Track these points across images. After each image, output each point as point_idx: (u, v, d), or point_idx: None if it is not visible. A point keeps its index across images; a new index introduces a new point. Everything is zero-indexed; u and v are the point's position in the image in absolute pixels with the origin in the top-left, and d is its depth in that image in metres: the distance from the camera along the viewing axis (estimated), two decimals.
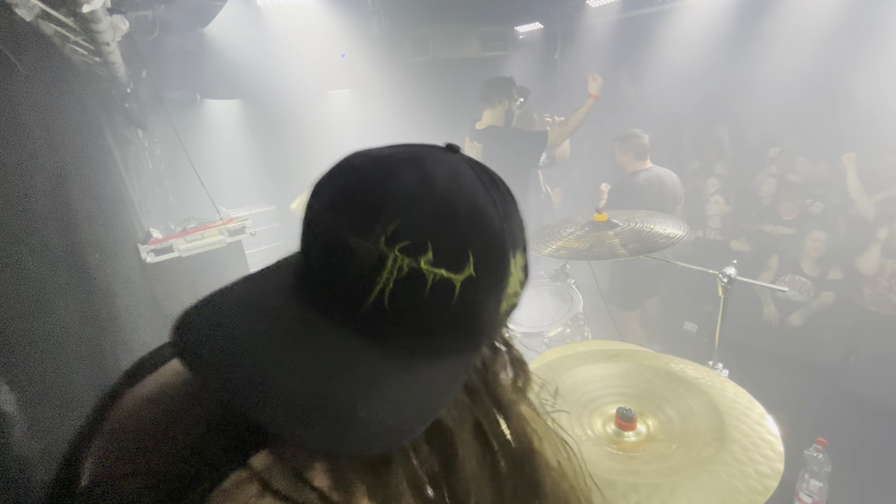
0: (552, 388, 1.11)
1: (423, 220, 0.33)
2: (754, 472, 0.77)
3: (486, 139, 2.91)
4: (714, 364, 1.44)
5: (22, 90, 1.26)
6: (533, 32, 5.58)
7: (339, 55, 4.46)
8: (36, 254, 1.04)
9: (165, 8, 2.57)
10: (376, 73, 4.71)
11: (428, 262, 0.32)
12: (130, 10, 2.12)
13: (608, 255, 1.50)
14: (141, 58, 2.55)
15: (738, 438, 0.85)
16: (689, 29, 4.23)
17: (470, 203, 0.35)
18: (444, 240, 0.33)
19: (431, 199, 0.33)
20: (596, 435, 0.97)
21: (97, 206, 1.81)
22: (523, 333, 2.16)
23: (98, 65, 2.31)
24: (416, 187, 0.34)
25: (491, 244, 0.35)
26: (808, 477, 1.89)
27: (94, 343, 1.28)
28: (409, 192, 0.33)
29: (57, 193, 1.32)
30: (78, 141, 1.79)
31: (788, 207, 3.31)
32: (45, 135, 1.38)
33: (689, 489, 0.76)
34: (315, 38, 4.10)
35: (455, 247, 0.33)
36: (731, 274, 1.33)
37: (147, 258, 2.44)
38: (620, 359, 1.16)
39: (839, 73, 3.64)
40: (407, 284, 0.32)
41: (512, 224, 0.37)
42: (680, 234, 1.50)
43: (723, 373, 1.34)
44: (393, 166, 0.35)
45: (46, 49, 1.70)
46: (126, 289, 1.92)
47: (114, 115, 2.79)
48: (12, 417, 0.75)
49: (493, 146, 2.90)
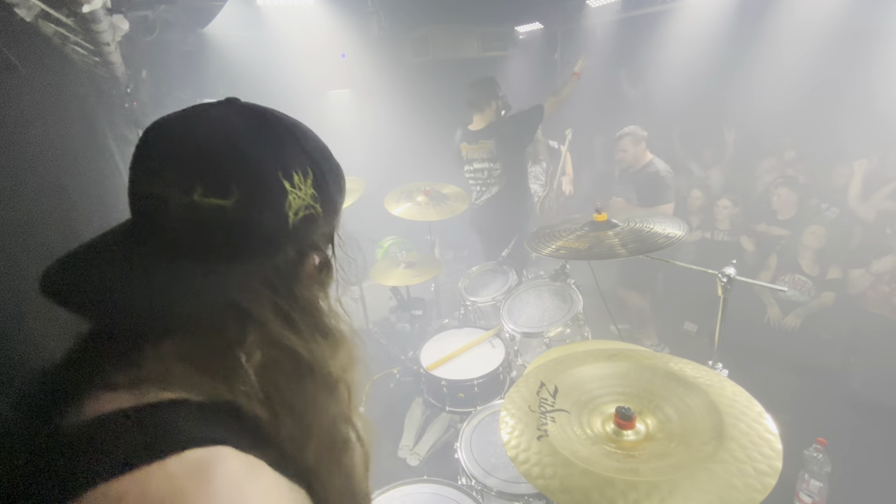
0: (552, 387, 1.12)
1: (188, 166, 0.44)
2: (753, 471, 0.77)
3: (495, 134, 2.94)
4: (714, 364, 1.44)
5: (22, 90, 1.26)
6: (533, 32, 5.58)
7: (339, 55, 4.46)
8: (35, 254, 1.04)
9: (165, 8, 2.57)
10: (376, 73, 4.71)
11: (200, 195, 0.43)
12: (130, 10, 2.12)
13: (608, 255, 1.50)
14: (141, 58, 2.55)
15: (736, 437, 0.85)
16: (689, 29, 4.23)
17: (228, 144, 0.45)
18: (208, 177, 0.44)
19: (194, 147, 0.45)
20: (595, 434, 0.97)
21: (97, 206, 1.81)
22: (523, 333, 2.16)
23: (98, 65, 2.31)
24: (182, 143, 0.45)
25: (252, 172, 0.45)
26: (808, 477, 1.89)
27: None
28: (178, 148, 0.45)
29: (57, 193, 1.32)
30: (78, 141, 1.79)
31: (790, 207, 3.29)
32: (45, 135, 1.38)
33: (688, 487, 0.76)
34: (315, 38, 4.10)
35: (218, 180, 0.44)
36: (730, 274, 1.33)
37: None
38: (620, 358, 1.16)
39: (840, 72, 3.64)
40: (191, 214, 0.43)
41: (283, 151, 0.48)
42: (680, 233, 1.50)
43: (722, 373, 1.34)
44: (167, 131, 0.46)
45: (46, 49, 1.70)
46: None
47: (114, 115, 2.79)
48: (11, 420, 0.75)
49: (504, 137, 2.93)
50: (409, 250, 4.63)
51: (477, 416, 1.81)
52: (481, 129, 2.97)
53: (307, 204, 0.49)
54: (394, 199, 3.07)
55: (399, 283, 2.78)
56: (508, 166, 3.01)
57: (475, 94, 2.92)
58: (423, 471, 2.42)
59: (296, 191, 0.48)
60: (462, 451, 1.64)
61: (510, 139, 2.95)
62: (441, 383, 2.04)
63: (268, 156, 0.47)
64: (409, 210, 2.98)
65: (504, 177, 3.03)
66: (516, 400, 1.07)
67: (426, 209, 2.97)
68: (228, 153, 0.45)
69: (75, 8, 1.41)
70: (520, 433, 0.96)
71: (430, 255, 3.13)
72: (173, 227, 0.44)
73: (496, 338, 2.31)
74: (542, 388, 1.09)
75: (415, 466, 2.45)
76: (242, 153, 0.46)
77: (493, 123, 2.97)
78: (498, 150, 2.95)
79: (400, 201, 3.04)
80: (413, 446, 2.53)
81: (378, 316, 4.04)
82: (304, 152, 0.50)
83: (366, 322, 3.67)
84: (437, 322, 3.33)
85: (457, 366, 2.15)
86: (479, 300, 2.60)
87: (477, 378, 2.00)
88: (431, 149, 5.00)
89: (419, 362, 2.19)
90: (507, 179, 3.04)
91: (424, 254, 3.15)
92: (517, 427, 0.98)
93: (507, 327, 2.25)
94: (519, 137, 2.97)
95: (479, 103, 2.92)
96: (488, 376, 2.02)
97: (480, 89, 2.92)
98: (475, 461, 1.59)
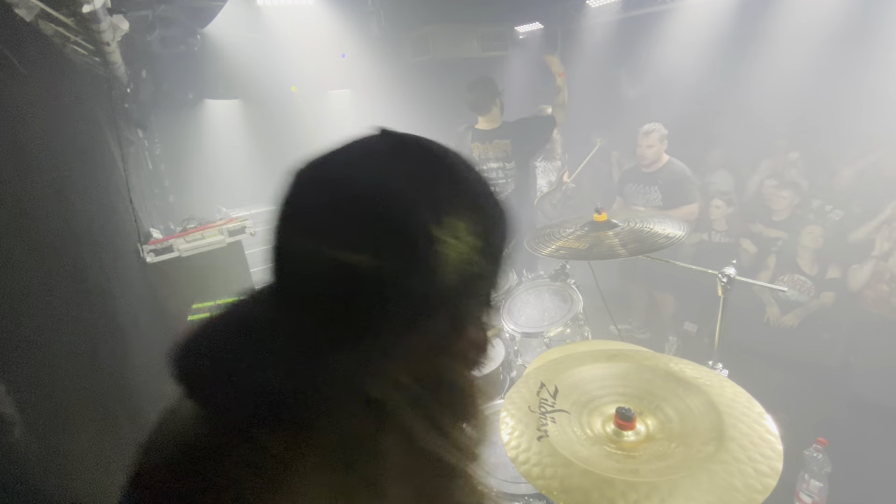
0: (552, 388, 1.12)
1: (344, 221, 0.38)
2: (753, 471, 0.77)
3: (511, 134, 2.94)
4: (714, 364, 1.44)
5: (22, 90, 1.26)
6: (533, 32, 5.58)
7: (339, 55, 4.46)
8: (35, 254, 1.04)
9: (165, 8, 2.57)
10: (376, 73, 4.71)
11: (356, 254, 0.37)
12: (130, 10, 2.12)
13: (608, 255, 1.50)
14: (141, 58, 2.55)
15: (736, 437, 0.85)
16: (689, 29, 4.23)
17: (386, 192, 0.38)
18: (365, 233, 0.37)
19: (351, 198, 0.38)
20: (595, 434, 0.97)
21: (97, 206, 1.81)
22: (523, 333, 2.16)
23: (98, 65, 2.31)
24: (337, 194, 0.39)
25: (408, 224, 0.37)
26: (808, 477, 1.89)
27: (94, 343, 1.28)
28: (333, 199, 0.38)
29: (57, 193, 1.32)
30: (78, 141, 1.79)
31: (788, 209, 3.29)
32: (45, 135, 1.38)
33: (688, 488, 0.76)
34: (315, 38, 4.11)
35: (374, 237, 0.37)
36: (730, 274, 1.33)
37: (147, 258, 2.44)
38: (620, 359, 1.16)
39: (840, 72, 3.64)
40: (344, 278, 0.37)
41: (444, 196, 0.40)
42: (680, 234, 1.50)
43: (722, 373, 1.34)
44: (319, 177, 0.41)
45: (46, 49, 1.70)
46: (126, 289, 1.92)
47: (114, 115, 2.79)
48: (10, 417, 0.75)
49: (520, 137, 2.94)
50: None
51: None
52: (495, 128, 2.96)
53: (469, 259, 0.40)
54: None
55: None
56: (522, 164, 3.03)
57: (478, 97, 2.89)
58: None
59: (456, 242, 0.39)
60: None
61: (526, 142, 2.96)
62: None
63: (427, 204, 0.38)
64: None
65: (519, 174, 3.04)
66: (516, 400, 1.07)
67: None
68: (387, 203, 0.38)
69: (75, 8, 1.41)
70: (520, 433, 0.96)
71: None
72: (321, 295, 0.38)
73: (496, 338, 2.31)
74: (542, 389, 1.09)
75: None
76: (401, 202, 0.38)
77: (507, 123, 2.97)
78: (514, 149, 2.95)
79: None
80: None
81: None
82: (469, 195, 0.42)
83: None
84: None
85: None
86: None
87: (476, 378, 2.00)
88: None
89: None
90: (521, 177, 3.06)
91: None
92: (517, 427, 0.98)
93: (507, 327, 2.25)
94: (534, 142, 3.00)
95: (482, 106, 2.90)
96: (488, 376, 2.02)
97: (482, 91, 2.89)
98: None
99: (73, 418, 1.01)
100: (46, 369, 0.96)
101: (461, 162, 0.43)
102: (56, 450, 0.87)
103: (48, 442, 0.84)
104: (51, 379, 0.96)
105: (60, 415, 0.95)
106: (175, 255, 2.53)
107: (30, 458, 0.78)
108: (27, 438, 0.78)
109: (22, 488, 0.74)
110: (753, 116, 4.15)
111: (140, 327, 1.92)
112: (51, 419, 0.90)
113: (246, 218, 2.85)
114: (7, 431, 0.73)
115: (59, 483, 0.86)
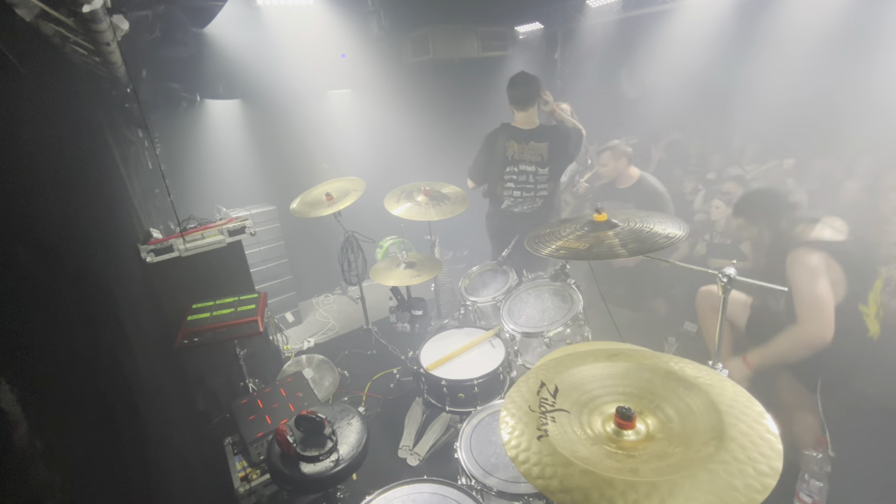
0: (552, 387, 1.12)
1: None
2: (753, 471, 0.77)
3: (549, 137, 2.81)
4: (714, 364, 1.44)
5: (22, 90, 1.26)
6: (533, 32, 5.58)
7: (339, 55, 4.46)
8: (35, 254, 1.04)
9: (165, 8, 2.57)
10: (376, 73, 4.71)
11: None
12: (130, 10, 2.12)
13: (608, 255, 1.50)
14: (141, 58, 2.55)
15: (736, 437, 0.85)
16: (689, 29, 4.24)
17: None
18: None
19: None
20: (595, 434, 0.97)
21: (97, 206, 1.81)
22: (523, 333, 2.17)
23: (98, 65, 2.31)
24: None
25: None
26: (808, 477, 1.89)
27: (94, 343, 1.28)
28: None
29: (57, 193, 1.32)
30: (78, 141, 1.79)
31: None
32: (45, 135, 1.38)
33: (688, 488, 0.76)
34: (315, 38, 4.11)
35: None
36: (730, 274, 1.33)
37: (147, 258, 2.44)
38: (620, 358, 1.16)
39: (840, 72, 3.64)
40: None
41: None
42: (680, 234, 1.49)
43: (723, 373, 1.34)
44: None
45: (46, 49, 1.70)
46: (126, 289, 1.92)
47: (114, 115, 2.79)
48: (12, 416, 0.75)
49: (559, 142, 2.82)
50: (409, 250, 4.64)
51: (477, 416, 1.81)
52: (532, 129, 2.81)
53: None
54: (394, 199, 3.07)
55: (399, 283, 2.78)
56: (555, 173, 2.89)
57: (523, 91, 2.74)
58: (423, 471, 2.42)
59: None
60: (462, 451, 1.64)
61: (563, 149, 2.83)
62: (441, 383, 2.04)
63: None
64: (408, 210, 2.98)
65: (551, 182, 2.90)
66: (516, 400, 1.07)
67: (426, 209, 2.97)
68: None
69: (75, 8, 1.41)
70: (520, 433, 0.96)
71: (429, 255, 3.13)
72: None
73: (496, 338, 2.31)
74: (543, 388, 1.09)
75: (415, 466, 2.45)
76: None
77: (544, 127, 2.84)
78: (550, 155, 2.81)
79: (400, 201, 3.04)
80: (413, 446, 2.53)
81: (378, 316, 4.05)
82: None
83: (366, 322, 3.67)
84: (437, 322, 3.34)
85: (457, 366, 2.15)
86: (479, 300, 2.61)
87: (477, 378, 2.00)
88: (431, 149, 5.01)
89: (419, 362, 2.19)
90: (552, 187, 2.93)
91: (424, 254, 3.15)
92: (517, 427, 0.98)
93: (508, 327, 2.25)
94: (569, 151, 2.87)
95: (528, 100, 2.75)
96: (488, 376, 2.02)
97: (526, 85, 2.74)
98: (475, 461, 1.59)
99: (74, 418, 1.01)
100: (48, 369, 0.96)
101: None
102: (58, 448, 0.87)
103: (51, 440, 0.84)
104: (52, 379, 0.96)
105: (62, 414, 0.95)
106: (175, 255, 2.53)
107: (31, 457, 0.78)
108: (31, 436, 0.78)
109: (21, 488, 0.74)
110: (754, 115, 4.15)
111: (140, 327, 1.92)
112: (50, 419, 0.90)
113: (246, 218, 2.85)
114: (12, 430, 0.73)
115: (61, 481, 0.86)
